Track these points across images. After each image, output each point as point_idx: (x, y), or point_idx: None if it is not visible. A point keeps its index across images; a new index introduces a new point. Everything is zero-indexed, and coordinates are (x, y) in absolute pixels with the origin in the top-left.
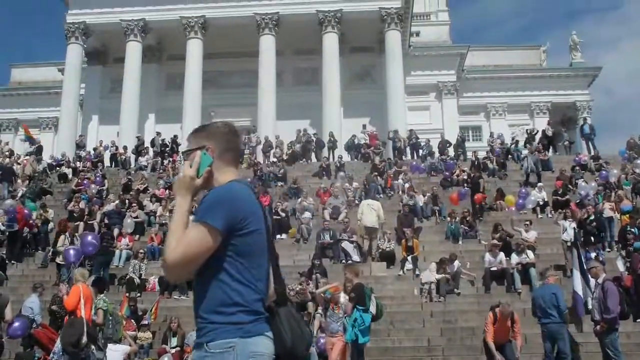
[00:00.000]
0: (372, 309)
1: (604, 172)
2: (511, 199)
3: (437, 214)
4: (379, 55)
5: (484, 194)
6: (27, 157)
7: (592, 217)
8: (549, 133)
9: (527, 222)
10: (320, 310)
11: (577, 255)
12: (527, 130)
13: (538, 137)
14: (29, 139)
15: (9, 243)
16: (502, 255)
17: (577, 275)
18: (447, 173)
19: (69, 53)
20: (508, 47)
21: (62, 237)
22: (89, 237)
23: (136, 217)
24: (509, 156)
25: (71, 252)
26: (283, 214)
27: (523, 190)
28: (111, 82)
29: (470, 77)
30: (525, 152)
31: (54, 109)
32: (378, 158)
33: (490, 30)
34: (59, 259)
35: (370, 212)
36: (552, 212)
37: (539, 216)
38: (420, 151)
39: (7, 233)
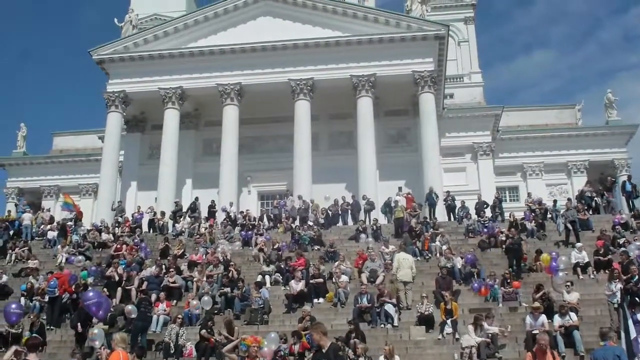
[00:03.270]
0: None
1: None
2: (547, 257)
3: (475, 277)
4: (414, 117)
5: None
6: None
7: (637, 278)
8: (591, 194)
9: (569, 283)
10: None
11: (623, 317)
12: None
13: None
14: (69, 206)
15: (49, 308)
16: (544, 317)
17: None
18: (486, 234)
19: (108, 121)
20: (542, 106)
21: None
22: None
23: (173, 282)
24: (548, 216)
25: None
26: (320, 278)
27: (554, 253)
28: (149, 148)
29: (506, 138)
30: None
31: (94, 175)
32: (414, 220)
33: (525, 90)
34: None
35: (406, 265)
36: (594, 272)
37: (580, 277)
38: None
39: (48, 298)
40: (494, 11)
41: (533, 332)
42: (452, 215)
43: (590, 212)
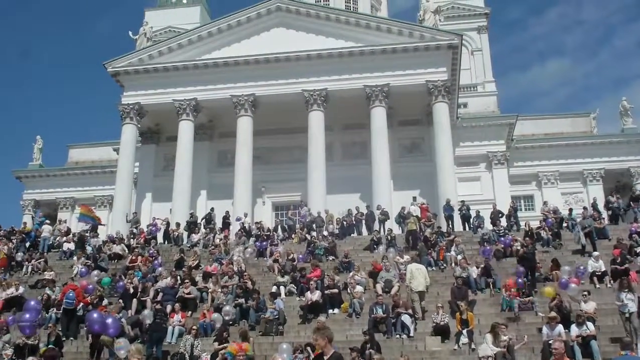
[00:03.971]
0: None
1: None
2: (551, 292)
3: (491, 286)
4: (427, 127)
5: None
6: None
7: None
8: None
9: (585, 293)
10: None
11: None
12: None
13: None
14: (86, 218)
15: (67, 319)
16: (560, 327)
17: None
18: (501, 244)
19: (123, 133)
20: (557, 115)
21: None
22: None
23: (188, 294)
24: (564, 225)
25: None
26: (335, 289)
27: (563, 281)
28: (164, 160)
29: (520, 147)
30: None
31: (109, 187)
32: (429, 230)
33: (539, 99)
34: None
35: (420, 275)
36: (611, 281)
37: (597, 286)
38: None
39: (64, 309)
40: (508, 20)
41: (550, 342)
42: (467, 225)
43: (614, 222)
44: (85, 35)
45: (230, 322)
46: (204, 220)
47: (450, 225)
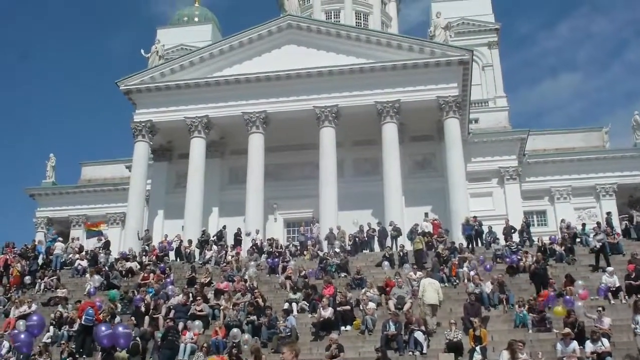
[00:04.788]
0: None
1: None
2: (561, 311)
3: (504, 302)
4: (439, 143)
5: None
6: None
7: None
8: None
9: (600, 308)
10: None
11: None
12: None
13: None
14: (92, 233)
15: (82, 337)
16: (575, 344)
17: None
18: (509, 263)
19: (135, 150)
20: (569, 130)
21: None
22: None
23: (200, 311)
24: (577, 240)
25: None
26: (347, 306)
27: (570, 303)
28: (176, 177)
29: (532, 162)
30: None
31: (122, 204)
32: (442, 246)
33: (551, 113)
34: None
35: (432, 289)
36: (626, 297)
37: (612, 302)
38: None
39: (82, 326)
40: (518, 35)
41: (564, 358)
42: (479, 241)
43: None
44: (98, 53)
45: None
46: (215, 237)
47: (471, 245)
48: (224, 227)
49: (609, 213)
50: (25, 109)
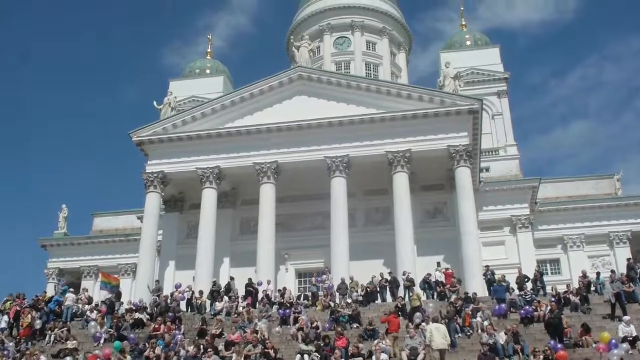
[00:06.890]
0: None
1: None
2: (606, 337)
3: (519, 353)
4: (450, 192)
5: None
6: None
7: None
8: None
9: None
10: None
11: None
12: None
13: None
14: (107, 286)
15: None
16: None
17: None
18: (523, 315)
19: (147, 201)
20: (580, 177)
21: None
22: None
23: None
24: (592, 289)
25: None
26: (359, 357)
27: (613, 341)
28: (187, 227)
29: (544, 210)
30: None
31: (133, 255)
32: (454, 296)
33: (562, 161)
34: None
35: (439, 334)
36: None
37: (630, 352)
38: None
39: None
40: (528, 83)
41: None
42: (490, 290)
43: None
44: (110, 104)
45: None
46: (224, 289)
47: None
48: (232, 278)
49: (629, 259)
50: (37, 159)
